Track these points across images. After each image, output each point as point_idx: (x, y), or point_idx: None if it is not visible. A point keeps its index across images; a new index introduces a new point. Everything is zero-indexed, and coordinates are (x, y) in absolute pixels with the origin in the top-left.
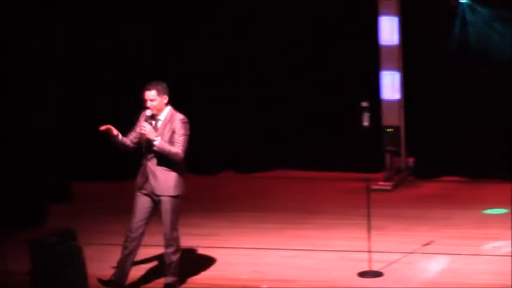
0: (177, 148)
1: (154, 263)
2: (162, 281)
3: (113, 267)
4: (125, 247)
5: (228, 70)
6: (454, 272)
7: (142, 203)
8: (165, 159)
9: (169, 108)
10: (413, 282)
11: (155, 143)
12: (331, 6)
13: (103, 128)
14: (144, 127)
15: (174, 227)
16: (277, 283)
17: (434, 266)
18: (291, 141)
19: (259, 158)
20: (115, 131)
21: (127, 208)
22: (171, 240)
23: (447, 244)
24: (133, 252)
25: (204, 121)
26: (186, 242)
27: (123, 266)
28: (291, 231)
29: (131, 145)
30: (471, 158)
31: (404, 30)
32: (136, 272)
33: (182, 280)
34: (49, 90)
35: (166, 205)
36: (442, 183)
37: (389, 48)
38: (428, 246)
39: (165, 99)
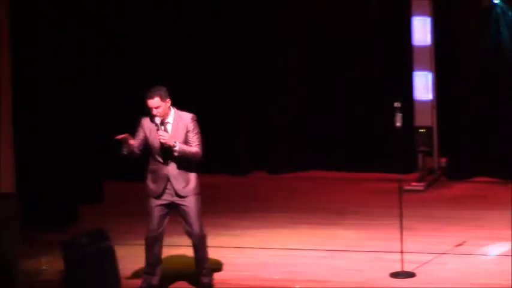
0: (196, 147)
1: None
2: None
3: (142, 272)
4: (150, 255)
5: (256, 70)
6: (485, 272)
7: (160, 210)
8: (183, 161)
9: (173, 109)
10: (446, 283)
11: (176, 148)
12: (365, 7)
13: (120, 136)
14: (162, 135)
15: (201, 225)
16: (310, 284)
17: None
18: (323, 141)
19: (290, 158)
20: (131, 140)
21: None
22: (202, 238)
23: (479, 245)
24: (158, 257)
25: (235, 121)
26: (217, 242)
27: (153, 271)
28: (323, 231)
29: (139, 153)
30: (504, 158)
31: (437, 30)
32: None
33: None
34: (81, 88)
35: (192, 204)
36: (475, 184)
37: (422, 48)
38: (460, 246)
39: (168, 102)
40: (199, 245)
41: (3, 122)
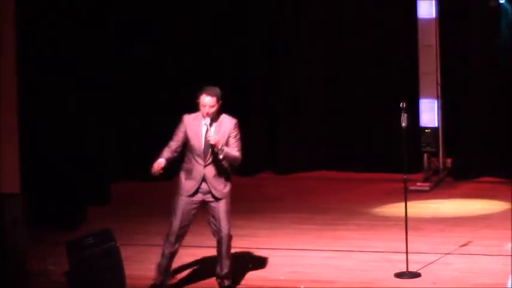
0: (237, 152)
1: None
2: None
3: (156, 271)
4: (168, 252)
5: (266, 71)
6: (491, 273)
7: (190, 209)
8: (222, 164)
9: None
10: (451, 283)
11: (223, 151)
12: (370, 5)
13: (157, 171)
14: (213, 137)
15: (230, 227)
16: (315, 284)
17: None
18: (330, 142)
19: (297, 159)
20: (163, 164)
21: (166, 209)
22: (230, 240)
23: (485, 245)
24: (174, 255)
25: (243, 122)
26: None
27: (166, 269)
28: (328, 232)
29: (175, 155)
30: (510, 158)
31: (443, 31)
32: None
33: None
34: (89, 88)
35: (224, 206)
36: (480, 184)
37: (428, 48)
38: (465, 246)
39: (220, 104)
40: (225, 246)
41: (8, 122)
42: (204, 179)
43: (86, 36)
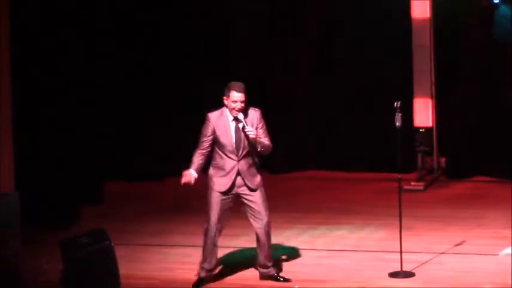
0: (268, 141)
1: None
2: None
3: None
4: (210, 246)
5: (257, 72)
6: (485, 272)
7: (225, 204)
8: (252, 156)
9: None
10: (445, 283)
11: (260, 143)
12: (365, 6)
13: (187, 182)
14: (251, 131)
15: (269, 213)
16: (309, 283)
17: None
18: (323, 141)
19: (291, 159)
20: (193, 178)
21: (159, 208)
22: (270, 228)
23: (479, 244)
24: (216, 248)
25: None
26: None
27: (209, 262)
28: (322, 231)
29: (207, 156)
30: (503, 158)
31: (437, 30)
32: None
33: (215, 279)
34: (82, 89)
35: (261, 196)
36: (474, 184)
37: (422, 48)
38: (459, 246)
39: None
40: (267, 234)
41: (2, 122)
42: (238, 174)
43: (80, 37)
